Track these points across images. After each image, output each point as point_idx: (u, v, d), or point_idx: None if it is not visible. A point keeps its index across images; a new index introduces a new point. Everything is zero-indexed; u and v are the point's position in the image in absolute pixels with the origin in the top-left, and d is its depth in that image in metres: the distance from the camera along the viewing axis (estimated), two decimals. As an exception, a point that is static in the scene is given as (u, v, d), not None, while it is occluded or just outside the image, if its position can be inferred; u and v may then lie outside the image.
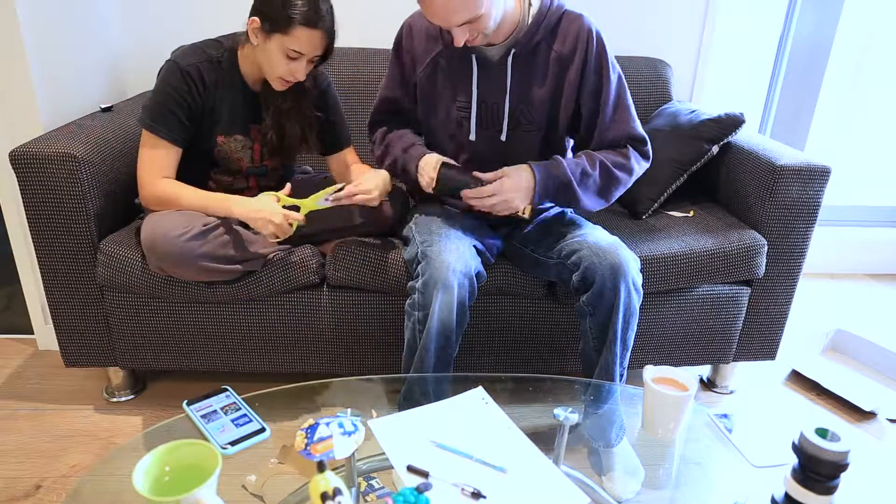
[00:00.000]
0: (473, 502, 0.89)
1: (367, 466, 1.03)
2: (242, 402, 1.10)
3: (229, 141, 1.49)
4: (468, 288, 1.31)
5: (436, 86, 1.46)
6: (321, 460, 0.68)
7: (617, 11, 2.12)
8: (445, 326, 1.28)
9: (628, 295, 1.32)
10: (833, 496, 0.79)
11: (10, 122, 1.65)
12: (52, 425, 1.59)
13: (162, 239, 1.34)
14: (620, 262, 1.32)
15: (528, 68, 1.40)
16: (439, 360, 1.32)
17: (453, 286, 1.27)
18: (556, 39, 1.39)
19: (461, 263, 1.30)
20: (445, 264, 1.29)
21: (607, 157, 1.41)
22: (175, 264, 1.36)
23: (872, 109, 2.55)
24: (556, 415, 1.06)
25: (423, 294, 1.29)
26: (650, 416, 1.03)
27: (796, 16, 2.29)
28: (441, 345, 1.30)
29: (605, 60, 1.40)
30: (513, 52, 1.38)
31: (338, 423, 0.96)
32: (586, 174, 1.39)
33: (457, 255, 1.32)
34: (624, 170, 1.42)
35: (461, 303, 1.29)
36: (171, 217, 1.38)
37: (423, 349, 1.30)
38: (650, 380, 1.02)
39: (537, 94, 1.41)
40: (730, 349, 1.73)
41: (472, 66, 1.40)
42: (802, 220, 1.62)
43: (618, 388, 1.34)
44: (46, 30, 1.66)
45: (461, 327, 1.33)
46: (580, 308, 1.39)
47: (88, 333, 1.58)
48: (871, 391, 1.84)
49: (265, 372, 1.63)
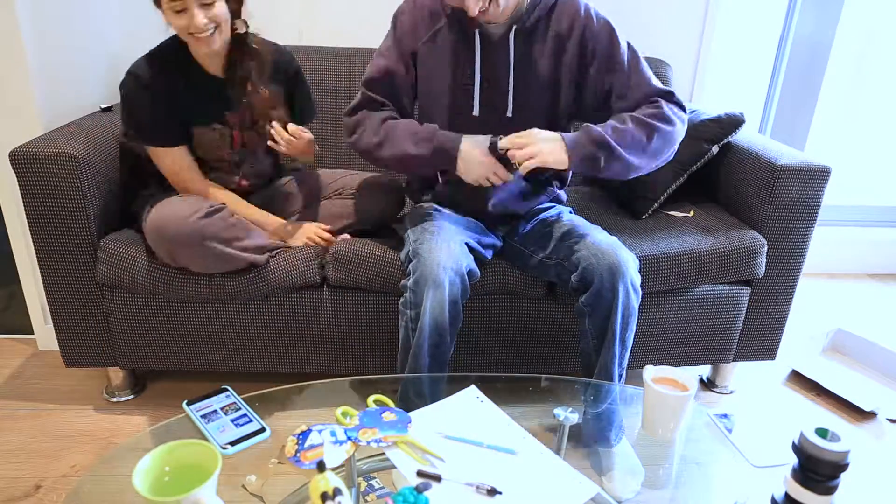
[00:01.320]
0: (489, 500, 0.89)
1: (367, 466, 1.03)
2: (242, 402, 1.10)
3: (207, 131, 1.50)
4: (459, 285, 1.31)
5: (436, 60, 1.44)
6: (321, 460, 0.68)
7: (617, 11, 2.11)
8: (438, 324, 1.28)
9: (627, 295, 1.32)
10: (833, 496, 0.79)
11: (10, 123, 1.65)
12: (52, 425, 1.59)
13: (172, 220, 1.36)
14: (619, 262, 1.32)
15: (528, 46, 1.41)
16: (434, 360, 1.32)
17: (444, 283, 1.27)
18: (552, 19, 1.40)
19: (452, 261, 1.30)
20: (436, 262, 1.29)
21: (639, 112, 1.36)
22: (184, 245, 1.37)
23: (872, 109, 2.55)
24: (557, 415, 1.06)
25: (415, 292, 1.30)
26: (650, 416, 1.03)
27: (796, 16, 2.29)
28: (435, 343, 1.30)
29: (610, 30, 1.41)
30: (514, 27, 1.38)
31: (330, 432, 0.96)
32: (619, 130, 1.33)
33: (447, 252, 1.32)
34: (662, 119, 1.35)
35: (453, 300, 1.29)
36: (178, 202, 1.40)
37: (417, 347, 1.31)
38: (650, 380, 1.02)
39: (538, 72, 1.42)
40: (730, 349, 1.73)
41: (474, 42, 1.39)
42: (802, 220, 1.62)
43: (616, 388, 1.34)
44: (46, 30, 1.66)
45: (455, 326, 1.33)
46: (579, 308, 1.38)
47: (88, 333, 1.58)
48: (871, 391, 1.84)
49: (265, 372, 1.63)
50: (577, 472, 0.94)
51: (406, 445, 0.97)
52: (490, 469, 0.95)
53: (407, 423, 1.00)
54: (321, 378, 1.19)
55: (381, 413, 1.02)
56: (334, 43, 2.03)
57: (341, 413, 1.02)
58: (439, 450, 0.97)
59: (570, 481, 0.93)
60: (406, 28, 1.44)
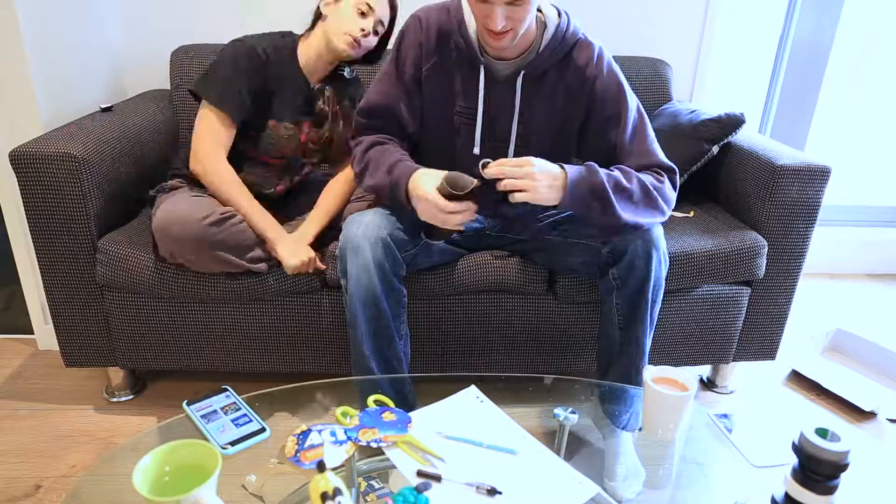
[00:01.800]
0: (489, 500, 0.89)
1: (368, 466, 1.03)
2: (242, 402, 1.10)
3: (279, 127, 1.52)
4: (383, 250, 1.28)
5: (438, 85, 1.37)
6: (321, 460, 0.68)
7: (617, 11, 2.12)
8: (368, 291, 1.27)
9: (659, 264, 1.32)
10: (833, 496, 0.79)
11: (10, 122, 1.65)
12: (52, 425, 1.59)
13: (179, 221, 1.35)
14: (650, 231, 1.32)
15: (535, 91, 1.34)
16: (376, 335, 1.31)
17: (363, 246, 1.27)
18: (566, 69, 1.33)
19: (372, 228, 1.29)
20: (354, 226, 1.30)
21: (644, 177, 1.30)
22: (188, 248, 1.37)
23: (872, 109, 2.55)
24: (557, 415, 1.07)
25: (342, 259, 1.31)
26: (650, 416, 1.04)
27: (796, 16, 2.29)
28: (372, 315, 1.29)
29: (620, 87, 1.34)
30: (522, 72, 1.32)
31: (330, 432, 0.96)
32: (621, 187, 1.26)
33: (367, 221, 1.31)
34: (661, 195, 1.30)
35: (379, 265, 1.27)
36: (189, 202, 1.39)
37: (351, 316, 1.30)
38: (650, 380, 1.02)
39: (543, 119, 1.36)
40: (730, 349, 1.73)
41: (479, 74, 1.33)
42: (802, 220, 1.62)
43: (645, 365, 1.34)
44: (46, 30, 1.66)
45: (393, 297, 1.31)
46: (607, 284, 1.37)
47: (88, 333, 1.58)
48: (871, 391, 1.84)
49: (265, 372, 1.63)
50: (577, 472, 0.94)
51: (406, 445, 0.97)
52: (490, 469, 0.95)
53: (407, 423, 1.00)
54: (321, 378, 1.19)
55: (381, 413, 1.02)
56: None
57: (341, 413, 1.02)
58: (439, 450, 0.97)
59: (570, 481, 0.93)
60: (409, 53, 1.37)
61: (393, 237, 1.30)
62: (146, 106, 1.80)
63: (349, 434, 0.96)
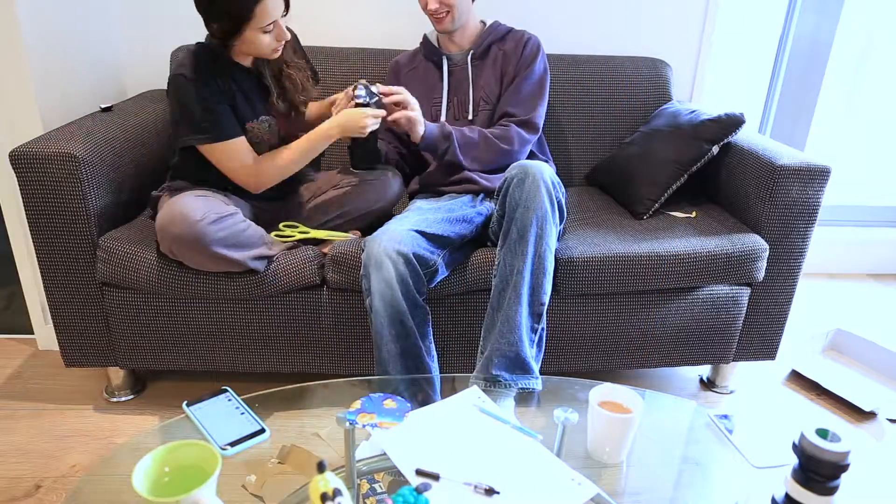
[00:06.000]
0: (487, 500, 0.89)
1: (368, 467, 1.03)
2: (242, 402, 1.10)
3: (257, 125, 1.52)
4: (405, 266, 1.33)
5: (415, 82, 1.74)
6: (321, 461, 0.68)
7: (617, 11, 2.12)
8: (392, 307, 1.31)
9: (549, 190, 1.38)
10: (833, 497, 0.79)
11: (10, 122, 1.65)
12: (52, 425, 1.60)
13: (180, 220, 1.35)
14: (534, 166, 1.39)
15: (482, 63, 1.73)
16: (403, 352, 1.33)
17: (385, 262, 1.32)
18: (504, 42, 1.73)
19: (393, 243, 1.35)
20: (376, 243, 1.35)
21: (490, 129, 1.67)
22: (187, 247, 1.37)
23: (872, 109, 2.55)
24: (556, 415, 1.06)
25: (366, 277, 1.36)
26: (595, 439, 1.03)
27: (796, 16, 2.29)
28: (398, 332, 1.32)
29: (535, 55, 1.70)
30: (471, 52, 1.72)
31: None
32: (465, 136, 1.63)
33: (389, 236, 1.37)
34: (498, 137, 1.65)
35: (402, 280, 1.32)
36: (192, 201, 1.39)
37: (378, 335, 1.34)
38: (595, 403, 1.01)
39: (489, 82, 1.72)
40: (730, 349, 1.73)
41: (442, 66, 1.74)
42: (802, 220, 1.62)
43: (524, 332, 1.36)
44: (46, 30, 1.66)
45: (418, 314, 1.34)
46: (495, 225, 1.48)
47: (88, 333, 1.58)
48: (871, 391, 1.84)
49: (265, 372, 1.63)
50: (577, 473, 0.94)
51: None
52: (489, 469, 0.95)
53: (405, 412, 1.01)
54: (321, 378, 1.19)
55: (382, 400, 1.03)
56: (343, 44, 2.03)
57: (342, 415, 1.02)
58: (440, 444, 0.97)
59: (570, 481, 0.93)
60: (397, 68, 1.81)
61: (416, 254, 1.36)
62: (146, 106, 1.80)
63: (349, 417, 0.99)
